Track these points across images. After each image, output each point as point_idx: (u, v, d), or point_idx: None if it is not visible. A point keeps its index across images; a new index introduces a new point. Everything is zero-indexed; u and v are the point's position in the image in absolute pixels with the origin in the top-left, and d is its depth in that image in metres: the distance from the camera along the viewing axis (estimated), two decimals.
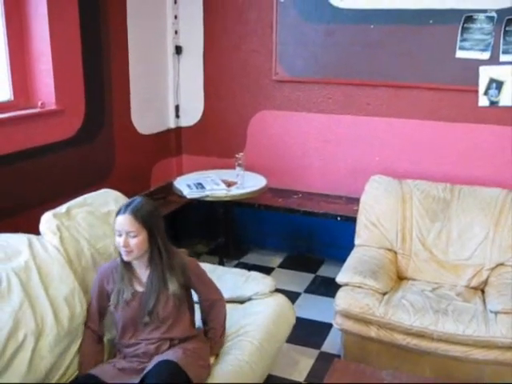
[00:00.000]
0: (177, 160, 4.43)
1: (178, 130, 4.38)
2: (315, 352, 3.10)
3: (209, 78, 4.22)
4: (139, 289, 2.27)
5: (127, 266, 2.27)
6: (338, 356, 3.03)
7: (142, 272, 2.28)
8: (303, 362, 3.01)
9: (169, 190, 4.18)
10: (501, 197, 3.13)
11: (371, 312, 2.74)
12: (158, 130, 4.20)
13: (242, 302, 2.80)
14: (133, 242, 2.14)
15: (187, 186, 3.49)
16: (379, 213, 3.27)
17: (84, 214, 2.69)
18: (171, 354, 2.16)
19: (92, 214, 2.72)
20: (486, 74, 3.47)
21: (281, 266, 4.18)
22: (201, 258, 4.24)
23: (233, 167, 4.06)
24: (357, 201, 3.86)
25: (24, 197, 3.12)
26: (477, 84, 3.48)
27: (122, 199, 2.95)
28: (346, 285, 2.91)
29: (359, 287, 2.86)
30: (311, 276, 4.00)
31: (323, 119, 3.97)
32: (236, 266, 4.10)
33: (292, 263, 4.21)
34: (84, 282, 2.47)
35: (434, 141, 3.70)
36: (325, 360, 3.02)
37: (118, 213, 2.19)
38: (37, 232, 2.55)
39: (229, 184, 3.51)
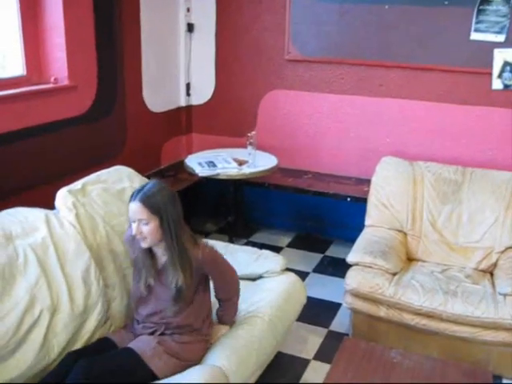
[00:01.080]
0: (187, 138, 4.43)
1: (189, 108, 4.38)
2: (324, 331, 3.14)
3: (220, 56, 4.20)
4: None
5: (149, 250, 2.23)
6: (347, 335, 3.06)
7: (162, 258, 2.24)
8: (312, 340, 3.05)
9: (179, 167, 4.20)
10: None
11: (381, 292, 2.77)
12: (168, 108, 4.20)
13: (253, 279, 2.84)
14: (145, 229, 2.10)
15: (198, 164, 3.50)
16: (390, 194, 3.29)
17: (99, 191, 2.71)
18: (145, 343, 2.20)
19: (106, 191, 2.74)
20: (500, 56, 3.44)
21: (289, 245, 4.20)
22: (210, 237, 4.27)
23: (243, 146, 4.07)
24: (367, 182, 3.88)
25: (36, 173, 3.14)
26: (491, 67, 3.46)
27: (136, 176, 2.97)
28: (357, 264, 2.94)
29: (369, 267, 2.89)
30: (320, 256, 4.03)
31: (335, 100, 3.96)
32: (245, 244, 4.12)
33: (301, 243, 4.24)
34: (99, 259, 2.50)
35: (446, 123, 3.70)
36: (333, 338, 3.06)
37: (130, 199, 2.15)
38: (48, 208, 2.57)
39: (240, 163, 3.52)
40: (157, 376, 2.14)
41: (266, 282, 2.77)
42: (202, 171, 3.38)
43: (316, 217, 4.31)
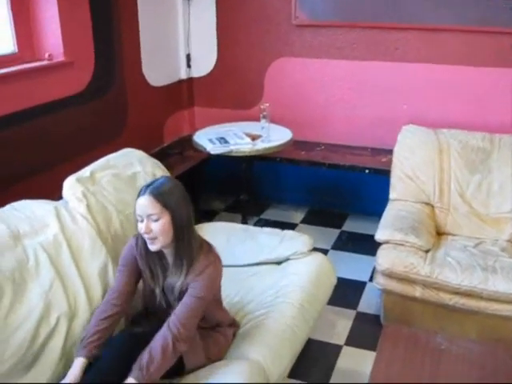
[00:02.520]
0: (189, 113, 4.19)
1: (190, 80, 4.13)
2: (352, 313, 2.99)
3: (222, 24, 3.92)
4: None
5: (159, 254, 1.99)
6: (377, 316, 2.92)
7: (169, 260, 2.00)
8: (340, 323, 2.90)
9: (183, 144, 3.99)
10: None
11: (416, 271, 2.61)
12: (169, 82, 3.95)
13: (279, 262, 2.67)
14: (155, 226, 1.86)
15: (209, 140, 3.27)
16: (415, 165, 3.10)
17: (109, 178, 2.50)
18: None
19: (117, 177, 2.54)
20: None
21: (303, 221, 4.02)
22: (219, 216, 4.08)
23: (249, 119, 3.88)
24: (383, 152, 3.72)
25: (34, 160, 2.91)
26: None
27: (147, 159, 2.76)
28: (387, 242, 2.77)
29: (401, 245, 2.72)
30: (337, 231, 3.86)
31: (347, 66, 3.73)
32: (257, 222, 3.95)
33: (315, 218, 4.06)
34: (115, 252, 2.29)
35: (467, 87, 3.49)
36: (363, 321, 2.92)
37: (138, 194, 1.92)
38: (51, 197, 2.37)
39: (253, 137, 3.30)
40: (185, 367, 1.98)
41: (293, 264, 2.60)
42: (213, 149, 3.15)
43: (329, 190, 4.12)
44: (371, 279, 3.27)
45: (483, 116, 3.47)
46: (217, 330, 2.11)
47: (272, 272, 2.59)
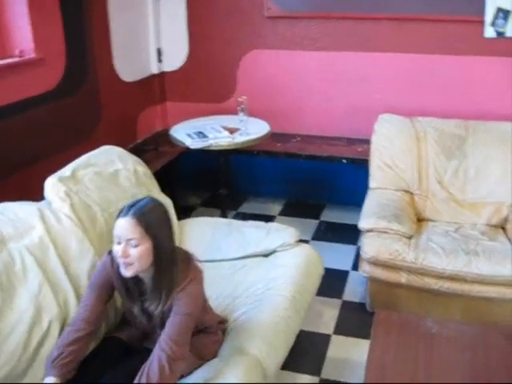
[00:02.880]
0: (161, 108, 4.13)
1: (162, 75, 4.06)
2: (337, 302, 3.02)
3: (193, 17, 3.87)
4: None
5: (135, 278, 1.85)
6: (362, 304, 2.96)
7: (147, 283, 1.89)
8: (327, 313, 2.93)
9: (157, 140, 3.94)
10: None
11: (401, 258, 2.65)
12: (141, 77, 3.87)
13: (266, 255, 2.66)
14: (134, 251, 1.73)
15: (187, 135, 3.23)
16: (393, 153, 3.14)
17: (91, 176, 2.44)
18: None
19: (99, 175, 2.48)
20: (492, 3, 3.30)
21: (281, 213, 4.03)
22: (196, 211, 4.05)
23: (223, 112, 3.86)
24: (359, 141, 3.76)
25: (6, 161, 2.80)
26: (483, 14, 3.31)
27: (127, 156, 2.71)
28: (371, 231, 2.80)
29: (385, 232, 2.76)
30: (315, 222, 3.88)
31: (321, 57, 3.74)
32: (235, 216, 3.93)
33: (292, 210, 4.07)
34: (101, 251, 2.22)
35: (438, 75, 3.56)
36: (349, 309, 2.96)
37: (118, 215, 1.78)
38: (28, 198, 2.29)
39: (231, 131, 3.27)
40: (182, 374, 1.95)
41: (280, 256, 2.61)
42: (192, 143, 3.11)
43: (305, 182, 4.13)
44: (354, 268, 3.33)
45: (455, 104, 3.53)
46: (206, 332, 2.07)
47: (260, 264, 2.59)
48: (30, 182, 2.93)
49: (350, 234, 3.71)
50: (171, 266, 1.82)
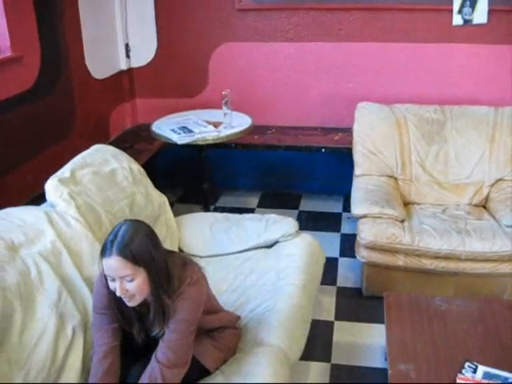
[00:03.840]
0: (131, 105, 4.03)
1: (130, 71, 3.96)
2: (332, 289, 3.07)
3: (161, 11, 3.79)
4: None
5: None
6: (357, 289, 3.03)
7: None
8: (325, 300, 2.97)
9: (129, 138, 3.86)
10: (491, 114, 3.19)
11: (398, 241, 2.73)
12: (110, 73, 3.76)
13: (268, 246, 2.68)
14: (131, 286, 1.65)
15: (172, 131, 3.17)
16: (376, 140, 3.22)
17: (90, 176, 2.37)
18: None
19: (97, 175, 2.41)
20: None
21: (260, 205, 4.04)
22: (174, 208, 3.97)
23: (196, 107, 3.83)
24: (334, 130, 3.83)
25: None
26: (451, 3, 3.44)
27: (120, 155, 2.65)
28: (364, 217, 2.86)
29: (379, 217, 2.83)
30: (295, 212, 3.91)
31: (292, 48, 3.77)
32: (214, 210, 3.90)
33: (270, 201, 4.08)
34: None
35: (408, 63, 3.67)
36: (345, 295, 3.01)
37: (103, 253, 1.65)
38: (11, 203, 2.22)
39: (214, 125, 3.24)
40: (209, 371, 1.94)
41: (284, 246, 2.63)
42: (180, 139, 3.06)
43: (279, 173, 4.17)
44: (341, 254, 3.39)
45: (427, 90, 3.66)
46: (221, 331, 2.03)
47: (265, 255, 2.60)
48: (10, 186, 2.81)
49: (331, 222, 3.78)
50: (169, 279, 1.74)
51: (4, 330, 1.67)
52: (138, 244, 1.66)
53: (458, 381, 1.89)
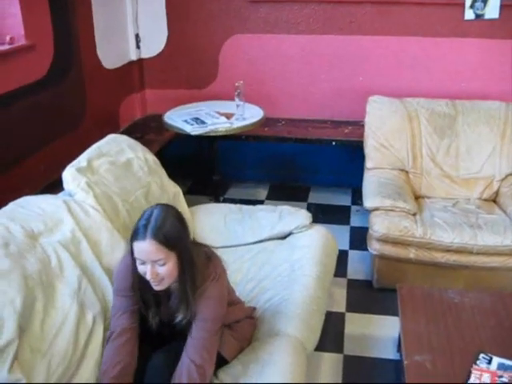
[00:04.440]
0: (141, 96, 4.02)
1: (140, 61, 3.95)
2: (343, 281, 3.08)
3: (172, 0, 3.77)
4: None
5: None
6: (367, 281, 3.05)
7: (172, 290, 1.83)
8: (336, 292, 2.98)
9: (139, 128, 3.87)
10: (502, 109, 3.20)
11: (411, 234, 2.74)
12: (121, 64, 3.75)
13: (282, 237, 2.69)
14: (162, 270, 1.67)
15: (185, 121, 3.17)
16: (387, 134, 3.23)
17: (106, 166, 2.38)
18: None
19: (114, 165, 2.42)
20: None
21: (269, 197, 4.05)
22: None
23: (205, 98, 3.83)
24: (344, 123, 3.84)
25: None
26: None
27: (136, 145, 2.66)
28: (376, 209, 2.87)
29: (391, 210, 2.84)
30: (304, 204, 3.92)
31: (304, 40, 3.76)
32: (223, 202, 3.89)
33: (279, 194, 4.09)
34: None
35: (420, 57, 3.67)
36: (356, 287, 3.03)
37: (135, 236, 1.66)
38: (22, 192, 2.25)
39: (227, 116, 3.24)
40: (226, 359, 1.95)
41: (298, 238, 2.64)
42: (193, 130, 3.06)
43: (288, 165, 4.17)
44: (351, 247, 3.41)
45: (438, 84, 3.66)
46: (238, 321, 2.04)
47: (279, 247, 2.61)
48: (24, 175, 2.81)
49: (340, 215, 3.80)
50: (194, 266, 1.75)
51: (26, 318, 1.68)
52: (171, 228, 1.68)
53: (474, 371, 1.91)
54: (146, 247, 1.64)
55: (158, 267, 1.66)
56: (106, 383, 1.72)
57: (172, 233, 1.68)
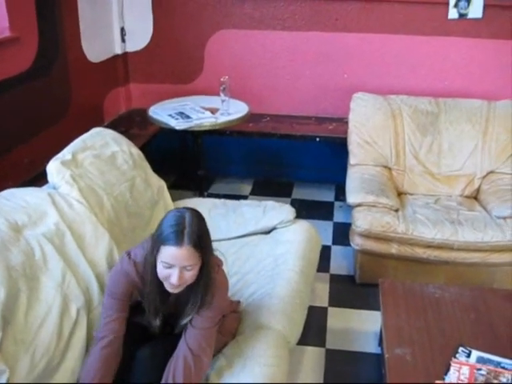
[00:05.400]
0: (125, 90, 4.01)
1: (125, 55, 3.93)
2: (326, 276, 3.11)
3: None
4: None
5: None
6: (350, 276, 3.08)
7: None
8: (318, 286, 3.00)
9: (124, 122, 3.85)
10: (484, 108, 3.26)
11: (393, 229, 2.78)
12: (105, 57, 3.73)
13: (266, 232, 2.71)
14: (188, 275, 1.66)
15: (169, 116, 3.17)
16: (371, 130, 3.26)
17: (91, 159, 2.38)
18: None
19: (98, 158, 2.42)
20: None
21: (253, 193, 4.06)
22: None
23: (190, 93, 3.83)
24: (328, 120, 3.87)
25: None
26: None
27: (121, 138, 2.66)
28: (359, 205, 2.90)
29: (373, 206, 2.87)
30: (287, 200, 3.95)
31: (289, 37, 3.77)
32: (207, 197, 3.90)
33: (263, 189, 4.11)
34: (111, 236, 2.18)
35: (403, 55, 3.70)
36: (338, 282, 3.06)
37: (166, 241, 1.63)
38: (7, 186, 2.21)
39: (211, 111, 3.25)
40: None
41: (282, 233, 2.66)
42: (178, 124, 3.06)
43: (273, 160, 4.19)
44: (334, 242, 3.44)
45: (421, 82, 3.70)
46: (223, 316, 2.02)
47: (263, 241, 2.63)
48: (5, 168, 2.79)
49: (323, 210, 3.83)
50: (211, 271, 1.76)
51: (10, 309, 1.67)
52: (204, 234, 1.69)
53: (453, 364, 1.95)
54: (181, 253, 1.62)
55: (186, 272, 1.65)
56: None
57: (205, 239, 1.70)
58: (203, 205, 2.82)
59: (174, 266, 1.64)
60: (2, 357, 1.55)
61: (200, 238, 1.66)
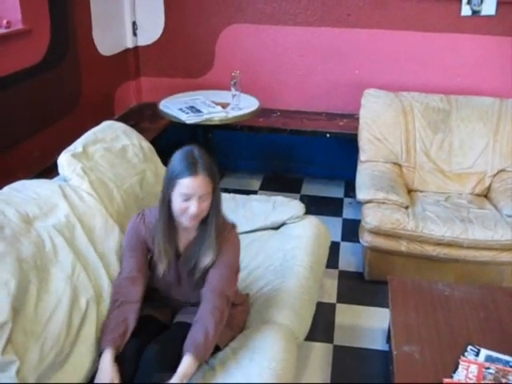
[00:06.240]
0: (136, 83, 4.02)
1: (136, 49, 3.94)
2: (334, 272, 3.11)
3: None
4: (181, 251, 1.94)
5: (171, 225, 1.87)
6: (358, 273, 3.07)
7: (186, 234, 1.92)
8: (327, 283, 3.01)
9: (134, 116, 3.86)
10: (496, 105, 3.23)
11: (402, 226, 2.77)
12: (117, 51, 3.74)
13: (276, 227, 2.71)
14: (204, 205, 1.77)
15: (180, 110, 3.17)
16: (382, 127, 3.25)
17: (101, 152, 2.37)
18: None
19: (109, 151, 2.41)
20: None
21: (262, 188, 4.06)
22: None
23: (200, 88, 3.83)
24: (338, 116, 3.85)
25: None
26: None
27: (131, 132, 2.65)
28: (369, 202, 2.89)
29: (383, 203, 2.86)
30: (297, 196, 3.95)
31: (300, 32, 3.77)
32: None
33: (272, 184, 4.11)
34: (122, 229, 2.19)
35: (416, 52, 3.68)
36: (347, 279, 3.05)
37: (182, 174, 1.73)
38: (16, 177, 2.21)
39: (222, 105, 3.25)
40: (219, 346, 1.97)
41: (291, 228, 2.66)
42: (188, 118, 3.06)
43: (282, 156, 4.19)
44: (343, 239, 3.43)
45: (433, 79, 3.68)
46: (231, 309, 2.02)
47: (272, 237, 2.63)
48: (17, 160, 2.81)
49: (332, 207, 3.82)
50: (220, 209, 1.88)
51: (20, 300, 1.68)
52: (213, 164, 1.80)
53: (461, 363, 1.94)
54: (198, 181, 1.73)
55: (202, 203, 1.75)
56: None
57: (214, 169, 1.80)
58: None
59: (193, 197, 1.74)
60: (11, 347, 1.56)
61: (211, 167, 1.77)
